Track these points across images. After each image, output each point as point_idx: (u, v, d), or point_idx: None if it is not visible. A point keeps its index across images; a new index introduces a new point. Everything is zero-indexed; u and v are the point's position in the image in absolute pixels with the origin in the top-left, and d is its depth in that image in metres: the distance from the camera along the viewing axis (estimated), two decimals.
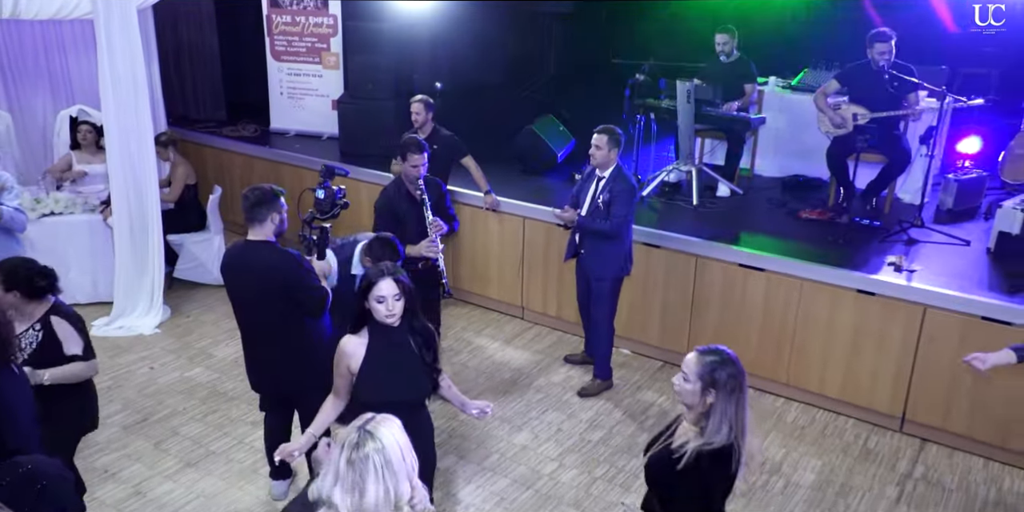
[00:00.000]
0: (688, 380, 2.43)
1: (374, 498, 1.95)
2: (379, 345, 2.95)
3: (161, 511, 3.90)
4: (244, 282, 3.54)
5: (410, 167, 4.55)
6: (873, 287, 4.60)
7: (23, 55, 6.73)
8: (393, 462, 1.98)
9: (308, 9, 7.15)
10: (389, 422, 2.07)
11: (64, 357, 3.17)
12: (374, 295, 2.88)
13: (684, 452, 2.41)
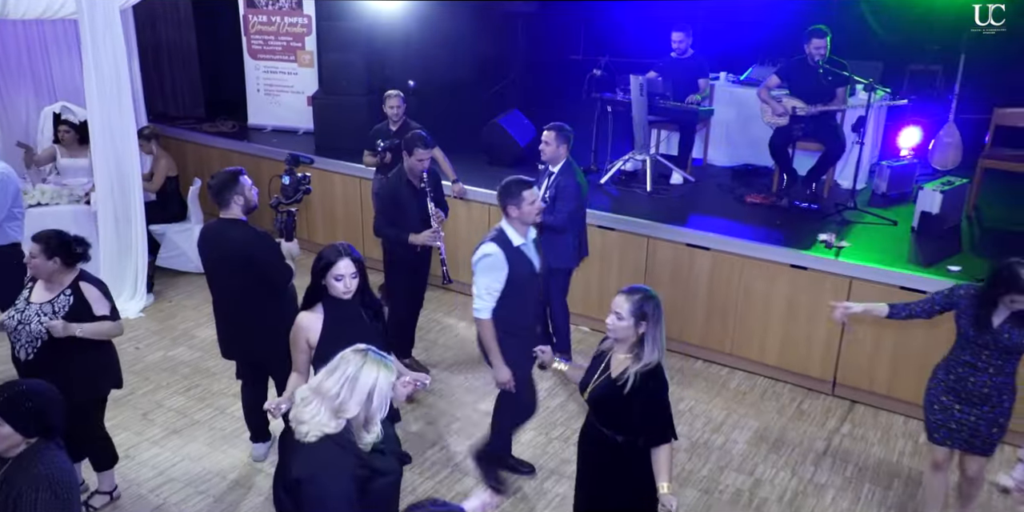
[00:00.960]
0: (622, 318, 2.82)
1: (328, 387, 2.39)
2: (334, 319, 3.19)
3: (151, 472, 4.23)
4: (217, 256, 3.91)
5: (416, 161, 4.74)
6: (805, 262, 5.03)
7: (6, 54, 6.99)
8: (358, 385, 2.38)
9: (283, 9, 7.48)
10: (386, 368, 2.43)
11: (95, 317, 3.52)
12: (333, 274, 3.11)
13: (627, 378, 2.82)
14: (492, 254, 3.65)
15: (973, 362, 3.43)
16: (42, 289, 3.55)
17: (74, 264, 3.56)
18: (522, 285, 3.73)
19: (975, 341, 3.41)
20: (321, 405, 2.39)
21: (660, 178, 6.51)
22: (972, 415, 3.47)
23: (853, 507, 4.14)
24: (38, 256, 3.48)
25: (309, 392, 2.45)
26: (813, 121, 5.79)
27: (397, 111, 5.86)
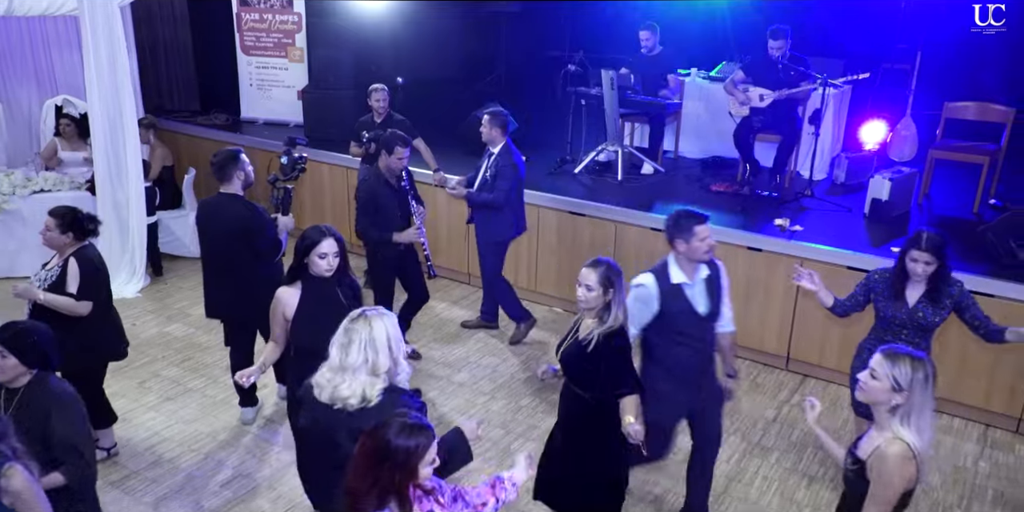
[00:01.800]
0: (592, 289, 3.13)
1: (355, 360, 2.58)
2: (311, 296, 3.39)
3: (146, 433, 4.57)
4: (214, 226, 4.27)
5: (396, 160, 4.87)
6: (760, 244, 5.38)
7: (10, 49, 7.34)
8: (376, 341, 2.58)
9: (275, 7, 7.82)
10: (387, 316, 2.67)
11: (65, 292, 3.82)
12: (316, 252, 3.32)
13: (590, 339, 3.14)
14: (643, 286, 3.38)
15: (893, 341, 3.53)
16: (57, 257, 3.90)
17: (84, 238, 3.89)
18: (678, 329, 3.38)
19: (893, 321, 3.60)
20: (355, 377, 2.59)
21: (632, 169, 6.86)
22: None
23: (796, 466, 4.48)
24: (54, 230, 3.81)
25: (332, 374, 2.62)
26: (772, 112, 6.14)
27: (382, 104, 6.20)
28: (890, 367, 2.44)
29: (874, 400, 2.50)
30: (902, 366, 2.43)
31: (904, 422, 2.44)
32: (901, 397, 2.43)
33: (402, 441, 2.12)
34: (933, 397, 2.47)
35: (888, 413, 2.47)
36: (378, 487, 2.12)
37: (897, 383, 2.42)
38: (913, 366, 2.43)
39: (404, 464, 2.11)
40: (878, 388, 2.46)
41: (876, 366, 2.48)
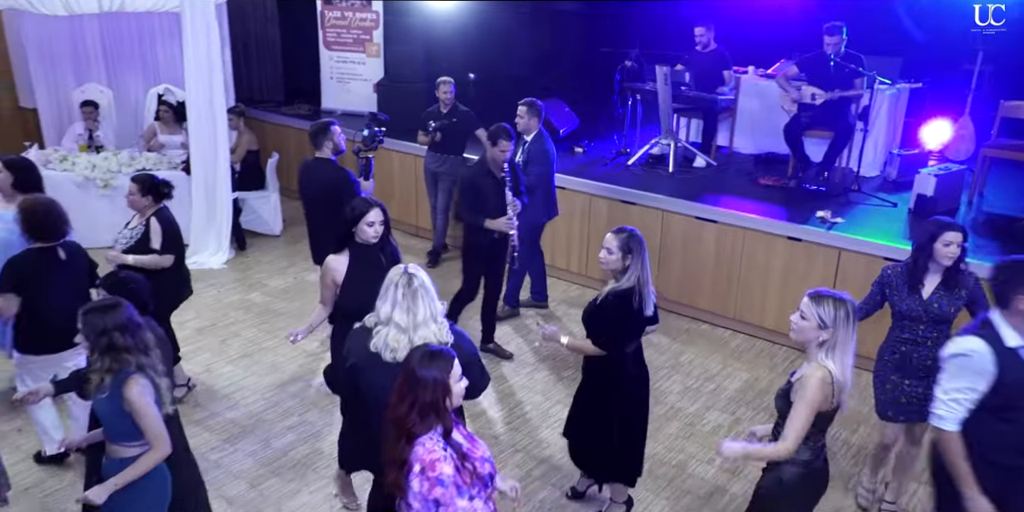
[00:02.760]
0: (612, 252, 3.48)
1: (423, 314, 2.86)
2: (359, 261, 3.69)
3: (225, 381, 5.14)
4: (308, 184, 5.03)
5: (499, 152, 5.02)
6: (800, 234, 5.58)
7: (121, 42, 8.13)
8: (429, 291, 2.92)
9: (355, 6, 8.39)
10: (418, 271, 2.97)
11: (150, 249, 4.39)
12: (365, 220, 3.62)
13: (602, 296, 3.53)
14: (972, 353, 2.85)
15: (912, 338, 3.63)
16: (136, 218, 4.48)
17: (160, 201, 4.46)
18: (1010, 402, 2.86)
19: (908, 316, 3.61)
20: (426, 329, 2.84)
21: (685, 162, 7.13)
22: (920, 387, 3.63)
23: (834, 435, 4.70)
24: (135, 193, 4.39)
25: (405, 334, 2.84)
26: (822, 109, 6.31)
27: (448, 96, 6.66)
28: (816, 307, 2.76)
29: (804, 338, 2.82)
30: (826, 306, 2.75)
31: (828, 354, 2.77)
32: (827, 333, 2.75)
33: (427, 367, 2.46)
34: (855, 332, 2.79)
35: (816, 348, 2.80)
36: (417, 408, 2.45)
37: (823, 321, 2.74)
38: (835, 306, 2.75)
39: (436, 384, 2.47)
40: (807, 327, 2.78)
41: (804, 308, 2.80)
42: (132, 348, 2.77)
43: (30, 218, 3.81)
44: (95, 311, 2.78)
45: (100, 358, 2.75)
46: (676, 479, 4.36)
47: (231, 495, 4.09)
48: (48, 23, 7.67)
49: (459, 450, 2.51)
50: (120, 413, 2.77)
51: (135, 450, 2.84)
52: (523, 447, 4.58)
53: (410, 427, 2.45)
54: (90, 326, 2.75)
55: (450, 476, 2.41)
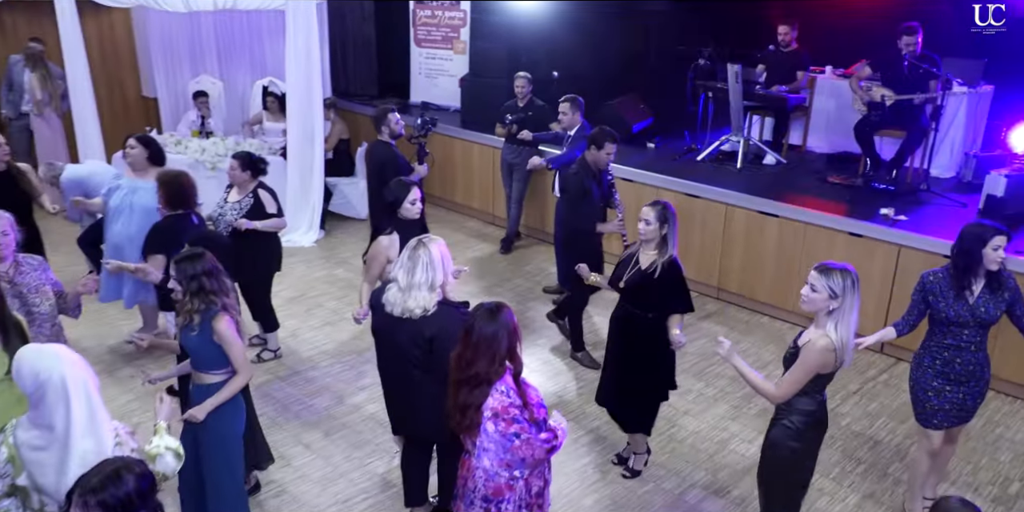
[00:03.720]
0: (650, 223, 3.85)
1: (419, 278, 3.28)
2: (407, 237, 4.04)
3: (308, 346, 5.67)
4: (368, 164, 5.79)
5: (604, 154, 5.13)
6: (860, 230, 5.68)
7: (232, 38, 8.86)
8: (433, 261, 3.31)
9: (445, 5, 8.87)
10: (437, 241, 3.42)
11: (267, 214, 4.94)
12: (408, 200, 4.06)
13: (656, 267, 3.87)
14: None
15: (956, 344, 3.60)
16: (235, 192, 5.02)
17: (257, 176, 5.00)
18: None
19: (955, 322, 3.57)
20: (418, 293, 3.26)
21: (755, 159, 7.26)
22: (961, 393, 3.66)
23: (865, 431, 4.83)
24: (237, 169, 4.95)
25: (401, 292, 3.28)
26: (893, 110, 6.35)
27: (524, 90, 7.03)
28: (826, 279, 3.02)
29: (815, 308, 3.08)
30: (835, 277, 3.01)
31: (836, 322, 3.03)
32: (836, 302, 3.01)
33: (492, 322, 2.83)
34: (859, 299, 3.06)
35: (825, 316, 3.06)
36: (498, 358, 2.82)
37: (833, 291, 3.00)
38: (843, 276, 3.01)
39: (507, 333, 2.84)
40: (818, 298, 3.04)
41: (814, 281, 3.05)
42: (217, 291, 3.25)
43: (171, 189, 4.37)
44: (185, 260, 3.25)
45: (191, 300, 3.22)
46: (717, 454, 4.59)
47: (307, 441, 4.58)
48: (169, 20, 8.47)
49: (523, 395, 2.89)
50: (209, 345, 3.25)
51: (219, 377, 3.33)
52: (572, 418, 4.90)
53: (490, 376, 2.82)
54: (182, 272, 3.22)
55: (520, 414, 2.83)
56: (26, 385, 2.37)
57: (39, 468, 2.37)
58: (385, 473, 4.31)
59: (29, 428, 2.39)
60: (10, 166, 5.17)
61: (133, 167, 4.99)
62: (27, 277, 3.64)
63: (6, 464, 2.38)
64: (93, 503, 1.97)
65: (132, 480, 2.02)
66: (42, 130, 8.20)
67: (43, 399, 2.34)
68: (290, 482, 4.22)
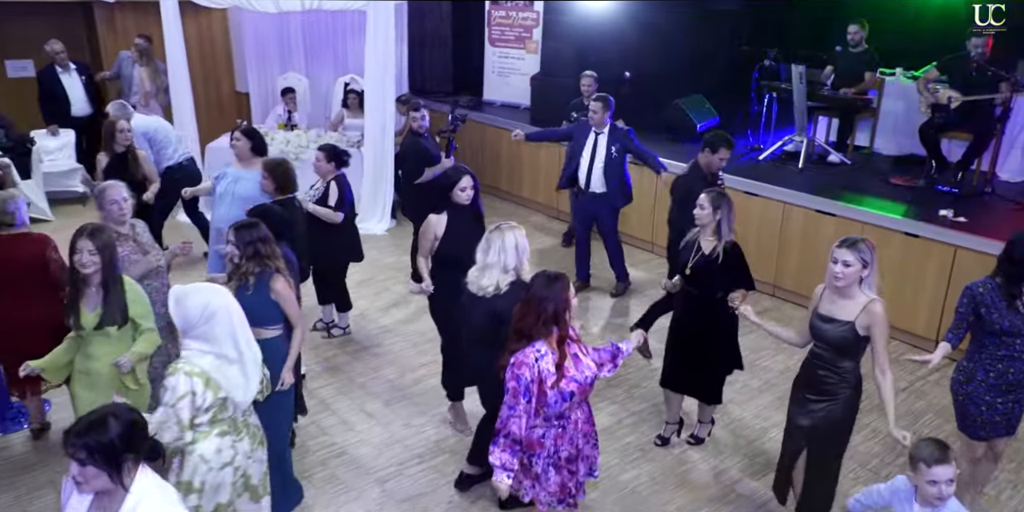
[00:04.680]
0: (704, 208, 4.12)
1: (492, 259, 3.64)
2: (454, 219, 4.33)
3: (376, 326, 6.07)
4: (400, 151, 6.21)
5: (718, 159, 5.19)
6: (917, 230, 5.71)
7: (318, 37, 9.41)
8: (506, 246, 3.65)
9: (519, 6, 9.19)
10: (515, 228, 3.73)
11: (326, 205, 5.33)
12: (459, 186, 4.27)
13: (717, 252, 4.13)
14: None
15: (1009, 354, 3.55)
16: (320, 181, 5.44)
17: (340, 167, 5.40)
18: None
19: (1008, 332, 3.51)
20: (492, 272, 3.65)
21: (818, 160, 7.31)
22: (1009, 401, 3.64)
23: (911, 426, 4.90)
24: (321, 160, 5.34)
25: (478, 271, 3.67)
26: (959, 112, 6.32)
27: (589, 89, 7.27)
28: (857, 252, 3.29)
29: (850, 282, 3.32)
30: (861, 247, 3.31)
31: (869, 286, 3.34)
32: (867, 270, 3.27)
33: (548, 288, 3.12)
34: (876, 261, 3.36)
35: (857, 284, 3.31)
36: (543, 319, 3.10)
37: (864, 260, 3.29)
38: (866, 244, 3.31)
39: (556, 300, 3.11)
40: (853, 271, 3.31)
41: (845, 257, 3.31)
42: (271, 255, 3.64)
43: (278, 174, 4.80)
44: (243, 227, 3.65)
45: (247, 263, 3.61)
46: (757, 441, 4.75)
47: (370, 410, 4.96)
48: (261, 20, 9.06)
49: (562, 360, 3.14)
50: (265, 303, 3.61)
51: (273, 332, 3.70)
52: (619, 401, 5.13)
53: (532, 332, 3.12)
54: (240, 238, 3.61)
55: (525, 379, 3.08)
56: (191, 316, 2.81)
57: (228, 384, 2.87)
58: (439, 441, 4.65)
59: (201, 355, 2.83)
60: (129, 149, 5.75)
61: (239, 157, 5.43)
62: (143, 236, 4.20)
63: (205, 390, 2.83)
64: (79, 445, 2.12)
65: (116, 426, 2.15)
66: None
67: (213, 329, 2.81)
68: (351, 445, 4.60)
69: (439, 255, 4.42)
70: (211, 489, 2.99)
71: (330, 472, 4.33)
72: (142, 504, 2.17)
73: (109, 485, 2.17)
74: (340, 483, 4.25)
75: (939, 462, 2.78)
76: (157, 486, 2.25)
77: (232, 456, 3.04)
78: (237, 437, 3.06)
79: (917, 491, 2.91)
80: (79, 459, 2.11)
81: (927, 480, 2.81)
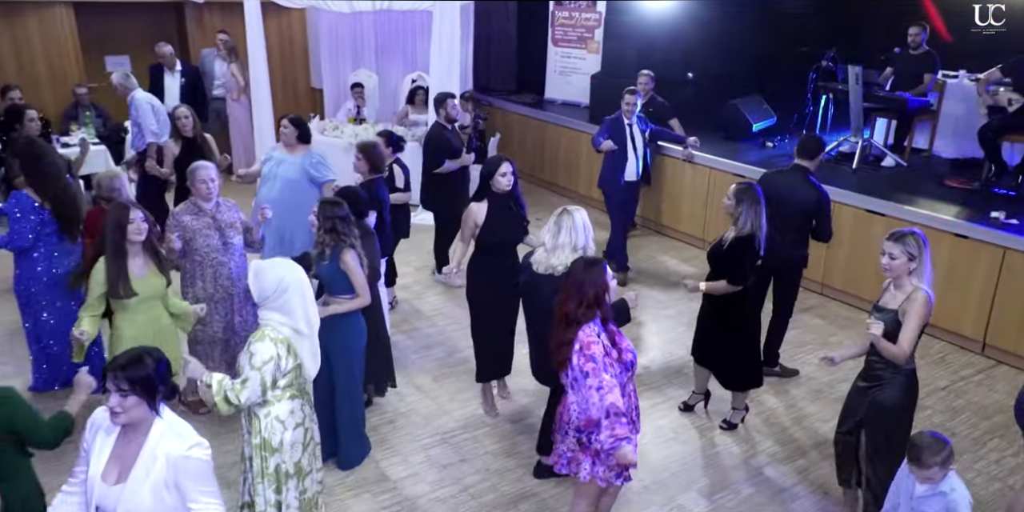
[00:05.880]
0: (729, 199, 4.33)
1: (563, 239, 3.85)
2: (495, 206, 4.50)
3: (429, 306, 6.41)
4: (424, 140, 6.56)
5: (817, 162, 5.25)
6: (967, 232, 5.72)
7: (389, 36, 9.84)
8: (576, 226, 3.88)
9: (582, 6, 9.43)
10: (580, 210, 3.96)
11: (395, 188, 5.70)
12: (499, 173, 4.43)
13: (726, 241, 4.35)
14: None
15: None
16: None
17: (396, 152, 5.79)
18: None
19: None
20: (562, 252, 3.86)
21: (874, 161, 7.32)
22: None
23: (946, 423, 4.94)
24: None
25: (547, 252, 3.89)
26: (1016, 115, 6.27)
27: (647, 88, 7.46)
28: (903, 246, 3.43)
29: (899, 273, 3.46)
30: (908, 241, 3.44)
31: (919, 278, 3.46)
32: (915, 262, 3.40)
33: (588, 273, 3.29)
34: (929, 255, 3.48)
35: (907, 276, 3.44)
36: (584, 303, 3.27)
37: (910, 254, 3.43)
38: (914, 238, 3.42)
39: (596, 284, 3.29)
40: (900, 264, 3.44)
41: (892, 249, 3.44)
42: (346, 232, 3.99)
43: (371, 155, 5.20)
44: (327, 205, 4.02)
45: (325, 235, 3.98)
46: (790, 429, 4.88)
47: (419, 384, 5.29)
48: (337, 19, 9.55)
49: (611, 337, 3.36)
50: (337, 273, 3.97)
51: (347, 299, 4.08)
52: (656, 387, 5.33)
53: (578, 317, 3.28)
54: (323, 213, 3.98)
55: (600, 355, 3.21)
56: (267, 288, 3.12)
57: (301, 354, 3.18)
58: (481, 415, 4.94)
59: (280, 325, 3.15)
60: (196, 134, 6.22)
61: (285, 143, 5.82)
62: (225, 215, 4.58)
63: (287, 355, 3.15)
64: (121, 377, 2.38)
65: (151, 362, 2.44)
66: (236, 113, 9.35)
67: (288, 301, 3.12)
68: (401, 414, 4.93)
69: (479, 242, 4.63)
70: (288, 448, 3.27)
71: (381, 437, 4.67)
72: (172, 427, 2.48)
73: (145, 413, 2.44)
74: (389, 446, 4.58)
75: (909, 461, 3.05)
76: (177, 418, 2.56)
77: (302, 418, 3.33)
78: (303, 400, 3.35)
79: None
80: (122, 390, 2.36)
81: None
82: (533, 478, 4.32)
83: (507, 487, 4.26)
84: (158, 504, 2.40)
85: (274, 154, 5.84)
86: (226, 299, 4.61)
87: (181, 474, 2.42)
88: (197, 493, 2.45)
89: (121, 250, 3.83)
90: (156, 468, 2.40)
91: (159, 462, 2.40)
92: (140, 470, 2.41)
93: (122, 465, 2.44)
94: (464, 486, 4.26)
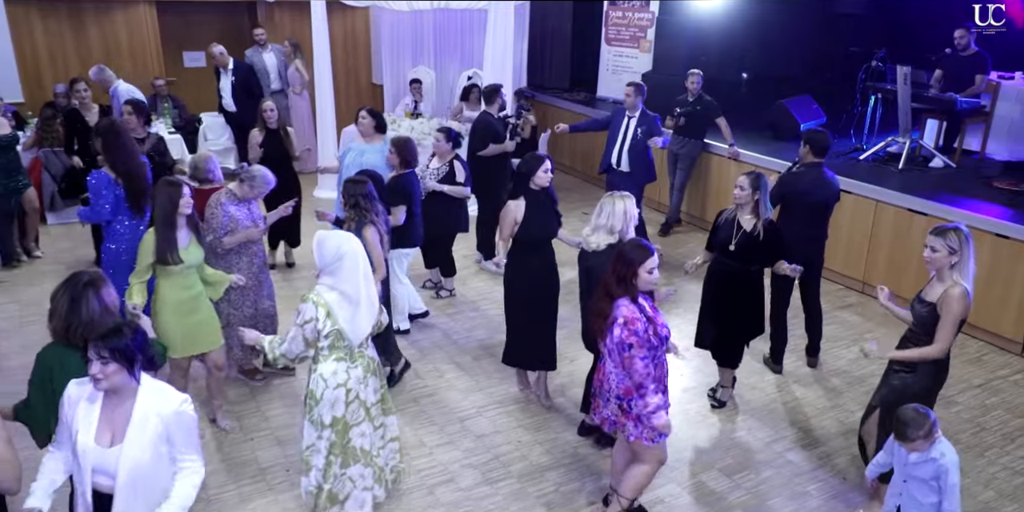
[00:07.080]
0: (744, 188, 4.50)
1: (602, 221, 4.17)
2: (533, 203, 4.65)
3: (475, 292, 6.69)
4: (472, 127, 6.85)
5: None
6: (1008, 232, 5.72)
7: (447, 34, 10.18)
8: (616, 212, 4.16)
9: (635, 6, 9.60)
10: (627, 198, 4.22)
11: (456, 182, 5.98)
12: (543, 169, 4.60)
13: (758, 230, 4.53)
14: None
15: None
16: (436, 160, 6.10)
17: (455, 147, 6.03)
18: None
19: None
20: (599, 233, 4.19)
21: (922, 162, 7.31)
22: None
23: (975, 418, 4.99)
24: (441, 140, 5.98)
25: (591, 231, 4.22)
26: None
27: (695, 86, 7.60)
28: (944, 240, 3.51)
29: (939, 266, 3.55)
30: (951, 236, 3.50)
31: (959, 273, 3.52)
32: (956, 257, 3.48)
33: (630, 252, 3.49)
34: (973, 251, 3.53)
35: (948, 270, 3.52)
36: (616, 276, 3.47)
37: (951, 248, 3.49)
38: (956, 234, 3.50)
39: (631, 263, 3.46)
40: (940, 257, 3.52)
41: (933, 243, 3.53)
42: (369, 209, 4.35)
43: (404, 150, 5.44)
44: (351, 183, 4.39)
45: (349, 211, 4.34)
46: (815, 418, 5.00)
47: (459, 362, 5.57)
48: (398, 18, 9.93)
49: (647, 314, 3.55)
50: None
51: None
52: (686, 373, 5.50)
53: (610, 289, 3.50)
54: (348, 191, 4.37)
55: (642, 331, 3.44)
56: (326, 256, 3.40)
57: (342, 319, 3.44)
58: (516, 393, 5.19)
59: (328, 291, 3.45)
60: (280, 126, 6.61)
61: (363, 133, 6.17)
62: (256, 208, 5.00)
63: (326, 318, 3.44)
64: (102, 346, 2.54)
65: (129, 333, 2.59)
66: (299, 106, 9.85)
67: (341, 267, 3.39)
68: (441, 389, 5.22)
69: (518, 239, 4.79)
70: (328, 402, 3.57)
71: (420, 408, 4.97)
72: (156, 389, 2.72)
73: (125, 380, 2.60)
74: (426, 417, 4.88)
75: (896, 436, 3.24)
76: (157, 381, 2.78)
77: (345, 379, 3.58)
78: (352, 364, 3.59)
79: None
80: (103, 357, 2.53)
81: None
82: (576, 436, 4.69)
83: (536, 458, 4.51)
84: (156, 457, 2.68)
85: (353, 145, 6.19)
86: (256, 287, 4.97)
87: (174, 428, 2.69)
88: (183, 446, 2.73)
89: (172, 222, 4.17)
90: (150, 426, 2.66)
91: (152, 421, 2.66)
92: (135, 429, 2.64)
93: (114, 428, 2.66)
94: (495, 454, 4.52)
